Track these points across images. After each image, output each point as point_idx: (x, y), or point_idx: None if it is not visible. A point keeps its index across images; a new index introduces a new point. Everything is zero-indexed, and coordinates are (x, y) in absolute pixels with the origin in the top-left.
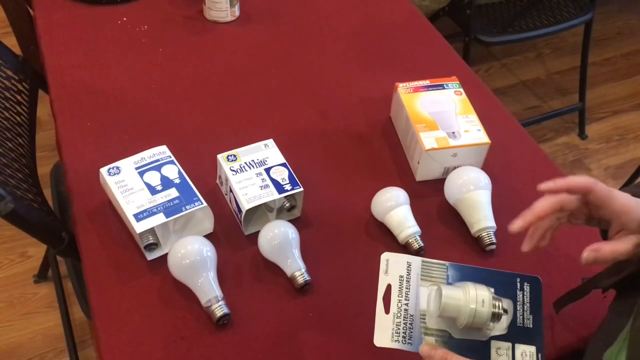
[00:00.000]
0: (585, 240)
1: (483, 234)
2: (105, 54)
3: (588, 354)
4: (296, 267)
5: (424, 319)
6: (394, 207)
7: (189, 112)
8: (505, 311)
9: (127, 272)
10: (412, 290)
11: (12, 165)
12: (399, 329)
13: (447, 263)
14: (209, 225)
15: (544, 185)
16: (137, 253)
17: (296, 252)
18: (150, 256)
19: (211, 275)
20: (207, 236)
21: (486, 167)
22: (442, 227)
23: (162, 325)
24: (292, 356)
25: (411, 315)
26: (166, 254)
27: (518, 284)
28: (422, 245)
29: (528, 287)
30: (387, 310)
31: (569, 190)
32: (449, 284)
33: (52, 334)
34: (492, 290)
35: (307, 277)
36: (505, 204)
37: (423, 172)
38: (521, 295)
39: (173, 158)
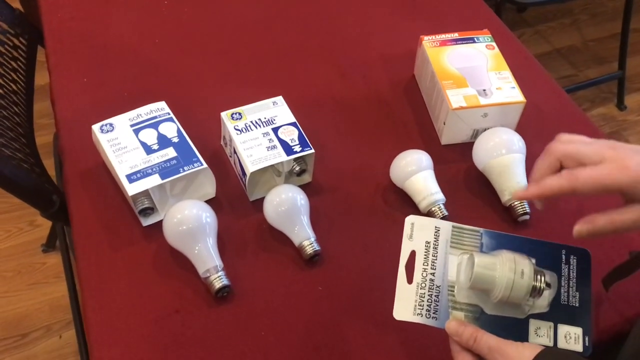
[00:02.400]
0: None
1: (515, 203)
2: (106, 6)
3: (632, 337)
4: (305, 236)
5: (453, 291)
6: (416, 172)
7: (194, 68)
8: (549, 285)
9: (119, 238)
10: (439, 258)
11: (1, 123)
12: (423, 301)
13: (481, 229)
14: (210, 189)
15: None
16: (132, 218)
17: (305, 220)
18: (146, 222)
19: (210, 243)
20: (209, 201)
21: (520, 129)
22: (469, 195)
23: (155, 296)
24: (299, 333)
25: (437, 287)
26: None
27: (564, 256)
28: (447, 214)
29: (575, 260)
30: (409, 280)
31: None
32: (482, 252)
33: (60, 305)
34: (534, 261)
35: (316, 247)
36: None
37: (449, 134)
38: (567, 270)
39: (172, 115)
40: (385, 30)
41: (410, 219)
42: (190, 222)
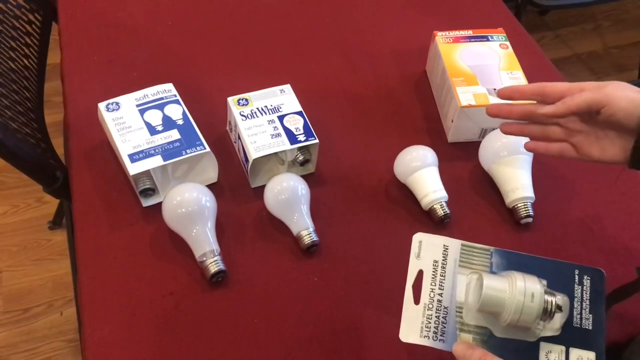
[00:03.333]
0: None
1: (519, 205)
2: None
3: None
4: (303, 226)
5: (461, 312)
6: (420, 168)
7: (205, 52)
8: (560, 308)
9: (119, 217)
10: (447, 278)
11: (10, 97)
12: (430, 323)
13: (491, 248)
14: (212, 174)
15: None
16: (133, 198)
17: (305, 209)
18: (146, 202)
19: (208, 227)
20: (211, 186)
21: None
22: (472, 194)
23: (151, 278)
24: (291, 323)
25: (445, 308)
26: None
27: (576, 276)
28: (448, 212)
29: (588, 281)
30: (417, 301)
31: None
32: (492, 272)
33: (63, 282)
34: (545, 282)
35: (314, 237)
36: (547, 174)
37: (457, 132)
38: (580, 291)
39: (178, 97)
40: (398, 24)
41: (418, 237)
42: (190, 205)
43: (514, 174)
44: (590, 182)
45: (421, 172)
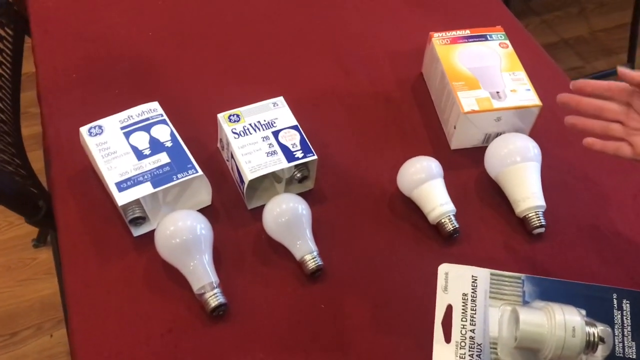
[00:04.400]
0: None
1: (530, 215)
2: None
3: None
4: (307, 250)
5: (495, 348)
6: (425, 181)
7: (190, 63)
8: (602, 340)
9: (109, 249)
10: (479, 311)
11: None
12: None
13: (522, 276)
14: (206, 197)
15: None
16: (122, 228)
17: (307, 232)
18: (137, 232)
19: (206, 259)
20: (205, 210)
21: (534, 135)
22: (480, 204)
23: (147, 314)
24: (299, 354)
25: (479, 345)
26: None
27: (615, 301)
28: (457, 226)
29: (628, 305)
30: (447, 339)
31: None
32: (525, 302)
33: (51, 302)
34: (584, 312)
35: (319, 261)
36: (557, 179)
37: (460, 139)
38: (620, 316)
39: (165, 117)
40: (390, 25)
41: (443, 268)
42: (184, 234)
43: (524, 182)
44: (598, 185)
45: (426, 185)
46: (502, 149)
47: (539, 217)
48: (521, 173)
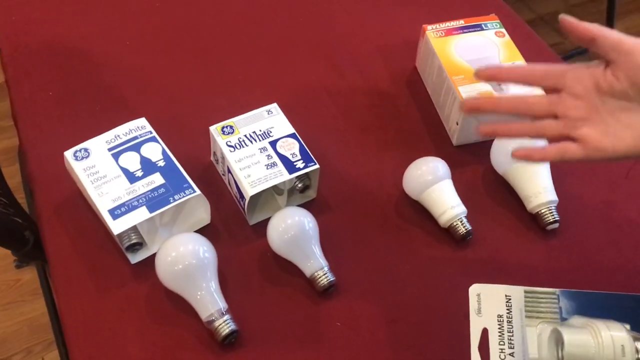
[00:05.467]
0: None
1: (543, 210)
2: (68, 5)
3: None
4: (317, 266)
5: None
6: (433, 183)
7: (172, 73)
8: None
9: (106, 279)
10: (516, 333)
11: None
12: None
13: (557, 291)
14: (204, 214)
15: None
16: (118, 255)
17: (316, 247)
18: (135, 259)
19: (212, 285)
20: (204, 229)
21: None
22: (489, 202)
23: (153, 345)
24: None
25: None
26: (154, 255)
27: None
28: (470, 228)
29: None
30: None
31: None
32: (563, 319)
33: (39, 324)
34: (628, 326)
35: (330, 277)
36: (562, 170)
37: (463, 134)
38: None
39: (155, 134)
40: (378, 19)
41: (475, 290)
42: (187, 259)
43: (534, 177)
44: (607, 172)
45: (435, 187)
46: (508, 144)
47: (552, 212)
48: (531, 168)
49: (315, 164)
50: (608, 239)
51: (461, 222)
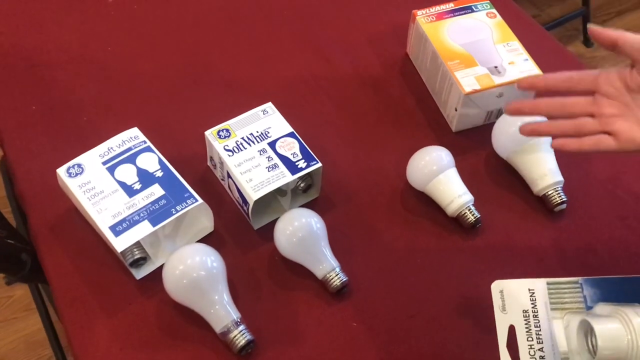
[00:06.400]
0: None
1: (550, 192)
2: (44, 13)
3: None
4: (329, 267)
5: None
6: (437, 173)
7: (159, 77)
8: None
9: (112, 297)
10: (543, 327)
11: None
12: None
13: (579, 279)
14: (208, 222)
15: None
16: (122, 271)
17: (325, 247)
18: (139, 274)
19: (224, 296)
20: (209, 237)
21: None
22: (494, 187)
23: None
24: None
25: None
26: (160, 268)
27: None
28: (479, 216)
29: None
30: None
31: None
32: (589, 308)
33: (36, 340)
34: None
35: (343, 277)
36: None
37: (462, 120)
38: None
39: (149, 143)
40: (365, 5)
41: (497, 286)
42: (195, 271)
43: (539, 159)
44: None
45: (440, 177)
46: (510, 127)
47: (559, 193)
48: (535, 150)
49: (317, 162)
50: (617, 215)
51: (469, 210)
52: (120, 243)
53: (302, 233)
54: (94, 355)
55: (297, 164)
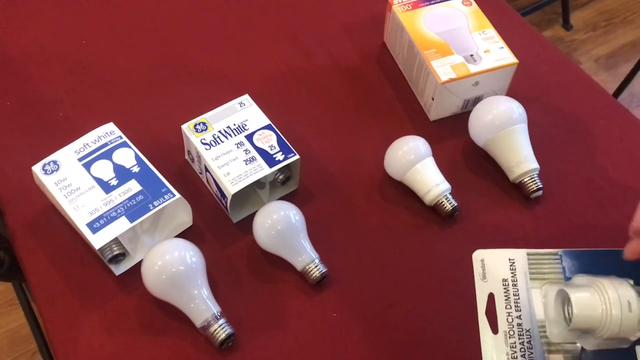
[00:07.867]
0: None
1: (526, 179)
2: (15, 7)
3: None
4: (308, 259)
5: (544, 331)
6: (415, 163)
7: (134, 70)
8: None
9: (91, 294)
10: (522, 296)
11: None
12: (516, 351)
13: (559, 251)
14: (186, 218)
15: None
16: (101, 268)
17: (305, 239)
18: (119, 270)
19: (204, 291)
20: (188, 232)
21: (512, 93)
22: (471, 175)
23: (150, 359)
24: None
25: (527, 331)
26: (139, 263)
27: None
28: (456, 204)
29: None
30: (494, 330)
31: None
32: (567, 279)
33: (20, 335)
34: (631, 281)
35: (322, 269)
36: (542, 135)
37: (438, 109)
38: None
39: (125, 138)
40: None
41: (478, 255)
42: (174, 266)
43: (514, 147)
44: (584, 134)
45: (417, 167)
46: (486, 115)
47: (534, 180)
48: (510, 138)
49: (295, 154)
50: (592, 201)
51: (447, 199)
52: (98, 240)
53: (280, 226)
54: (75, 352)
55: (274, 156)
